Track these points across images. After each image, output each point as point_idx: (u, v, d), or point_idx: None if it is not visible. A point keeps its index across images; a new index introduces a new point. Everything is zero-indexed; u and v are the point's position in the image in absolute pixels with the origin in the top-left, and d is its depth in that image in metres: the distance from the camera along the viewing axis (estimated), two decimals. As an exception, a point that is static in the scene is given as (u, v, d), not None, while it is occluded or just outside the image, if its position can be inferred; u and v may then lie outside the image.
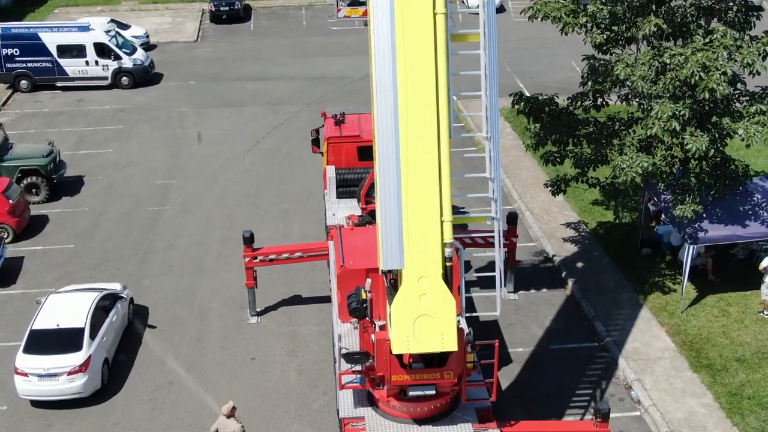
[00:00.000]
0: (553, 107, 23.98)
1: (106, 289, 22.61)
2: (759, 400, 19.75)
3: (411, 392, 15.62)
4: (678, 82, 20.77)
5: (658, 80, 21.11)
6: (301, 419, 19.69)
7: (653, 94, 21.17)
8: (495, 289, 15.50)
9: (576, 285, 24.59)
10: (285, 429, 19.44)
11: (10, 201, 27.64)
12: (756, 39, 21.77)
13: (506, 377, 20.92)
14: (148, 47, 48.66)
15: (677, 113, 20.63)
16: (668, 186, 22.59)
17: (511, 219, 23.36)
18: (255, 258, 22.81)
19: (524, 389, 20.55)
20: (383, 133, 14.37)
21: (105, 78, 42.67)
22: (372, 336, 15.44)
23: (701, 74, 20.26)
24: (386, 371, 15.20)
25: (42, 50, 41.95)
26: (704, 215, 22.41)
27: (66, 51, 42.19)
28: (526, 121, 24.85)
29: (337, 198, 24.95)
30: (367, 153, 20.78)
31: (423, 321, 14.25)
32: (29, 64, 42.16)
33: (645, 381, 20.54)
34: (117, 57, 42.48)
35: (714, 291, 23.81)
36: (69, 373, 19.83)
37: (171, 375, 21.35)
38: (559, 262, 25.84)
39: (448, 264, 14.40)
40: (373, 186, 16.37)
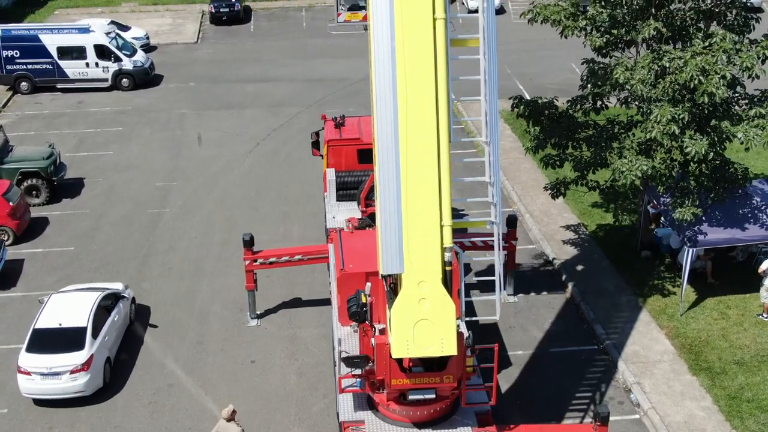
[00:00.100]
0: (553, 110, 24.02)
1: (108, 289, 22.78)
2: (758, 403, 19.79)
3: (411, 396, 15.68)
4: (677, 86, 20.81)
5: (658, 84, 21.16)
6: (301, 422, 19.72)
7: (653, 98, 21.22)
8: (495, 293, 15.56)
9: (575, 288, 24.62)
10: (285, 432, 19.50)
11: (11, 203, 27.68)
12: (755, 42, 21.83)
13: (506, 380, 20.96)
14: (148, 49, 48.69)
15: (676, 117, 20.66)
16: (668, 189, 22.63)
17: (511, 222, 23.39)
18: (255, 261, 22.85)
19: (524, 392, 20.59)
20: (383, 139, 14.40)
21: (105, 80, 42.71)
22: (372, 340, 15.48)
23: (700, 78, 20.30)
24: (386, 375, 15.22)
25: (42, 52, 42.00)
26: (704, 218, 22.45)
27: (66, 53, 42.23)
28: (526, 124, 24.89)
29: (337, 201, 24.98)
30: (367, 156, 20.80)
31: (423, 325, 14.28)
32: (29, 66, 42.21)
33: (644, 384, 20.57)
34: (117, 59, 42.54)
35: (713, 294, 23.85)
36: (71, 372, 19.99)
37: (171, 378, 21.38)
38: (559, 265, 25.87)
39: (448, 268, 14.45)
40: (373, 189, 16.40)
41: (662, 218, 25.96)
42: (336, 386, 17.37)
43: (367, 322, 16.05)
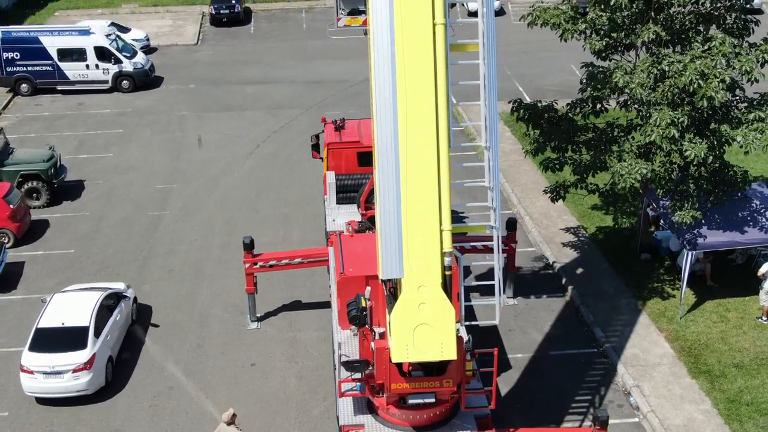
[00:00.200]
0: (552, 114, 24.05)
1: (110, 289, 22.91)
2: (757, 407, 19.82)
3: (410, 400, 15.71)
4: (677, 90, 20.84)
5: (657, 87, 21.18)
6: (301, 426, 19.75)
7: (652, 101, 21.25)
8: (494, 297, 15.60)
9: (575, 290, 24.65)
10: (285, 435, 19.53)
11: (11, 206, 27.72)
12: (755, 46, 21.86)
13: (505, 383, 20.98)
14: (149, 50, 48.71)
15: (676, 120, 20.70)
16: (667, 192, 22.65)
17: (511, 224, 23.41)
18: (255, 264, 22.89)
19: (523, 395, 20.61)
20: (383, 143, 14.43)
21: (105, 81, 42.74)
22: (372, 344, 15.51)
23: (700, 82, 20.32)
24: (386, 379, 15.26)
25: (42, 54, 42.04)
26: (703, 221, 22.48)
27: (66, 54, 42.25)
28: (526, 128, 24.92)
29: (337, 204, 25.01)
30: (367, 159, 20.84)
31: (422, 330, 14.31)
32: (30, 68, 42.23)
33: (644, 387, 20.60)
34: (117, 60, 42.57)
35: (713, 297, 23.88)
36: (74, 371, 20.15)
37: (171, 381, 21.41)
38: (559, 268, 25.90)
39: (448, 273, 14.48)
40: (373, 192, 16.43)
41: (662, 221, 25.98)
42: (336, 390, 17.40)
43: (367, 326, 16.07)
